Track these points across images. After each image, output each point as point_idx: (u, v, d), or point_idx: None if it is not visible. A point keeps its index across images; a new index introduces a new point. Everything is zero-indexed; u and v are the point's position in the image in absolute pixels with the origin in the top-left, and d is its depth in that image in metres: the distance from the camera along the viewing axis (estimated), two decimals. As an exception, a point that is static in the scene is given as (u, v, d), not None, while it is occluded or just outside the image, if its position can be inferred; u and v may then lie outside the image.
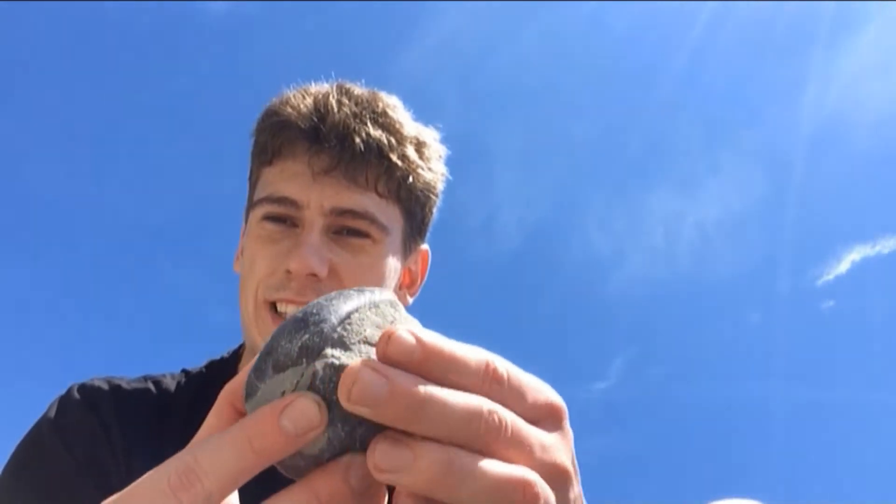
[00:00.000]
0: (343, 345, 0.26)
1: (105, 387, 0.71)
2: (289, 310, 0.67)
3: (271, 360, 0.27)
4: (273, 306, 0.68)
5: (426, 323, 0.32)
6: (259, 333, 0.69)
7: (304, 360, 0.26)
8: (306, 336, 0.26)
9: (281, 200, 0.68)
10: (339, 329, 0.27)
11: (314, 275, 0.66)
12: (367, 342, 0.27)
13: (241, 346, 0.78)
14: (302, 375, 0.26)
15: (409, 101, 0.75)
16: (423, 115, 0.76)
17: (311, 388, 0.26)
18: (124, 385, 0.72)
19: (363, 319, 0.28)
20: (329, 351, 0.26)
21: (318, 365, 0.26)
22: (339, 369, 0.26)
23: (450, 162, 0.78)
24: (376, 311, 0.29)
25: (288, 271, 0.67)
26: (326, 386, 0.26)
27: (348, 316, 0.27)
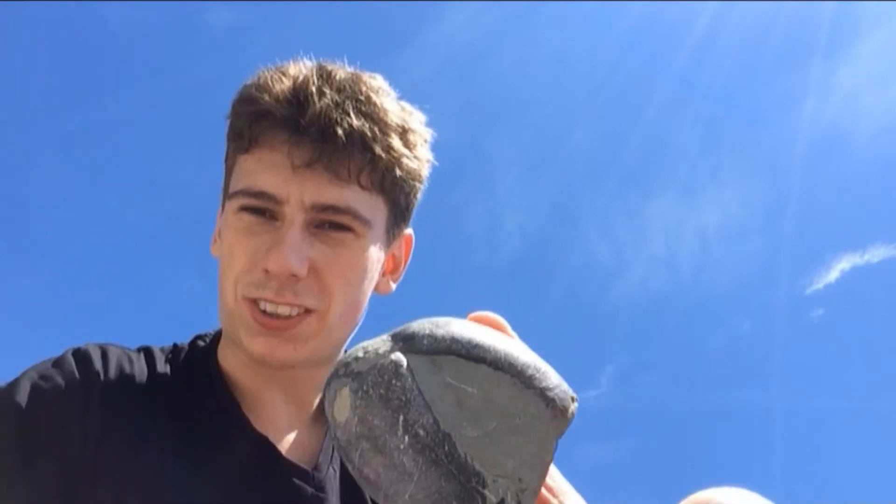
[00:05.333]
0: None
1: (97, 351, 0.70)
2: (268, 308, 0.66)
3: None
4: (254, 303, 0.67)
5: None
6: (241, 329, 0.67)
7: None
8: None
9: (259, 195, 0.66)
10: None
11: (294, 275, 0.65)
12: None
13: (220, 332, 0.76)
14: None
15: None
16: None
17: None
18: (118, 352, 0.71)
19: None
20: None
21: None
22: None
23: (451, 168, 0.77)
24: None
25: (266, 270, 0.65)
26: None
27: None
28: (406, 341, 0.28)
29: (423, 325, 0.28)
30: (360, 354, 0.29)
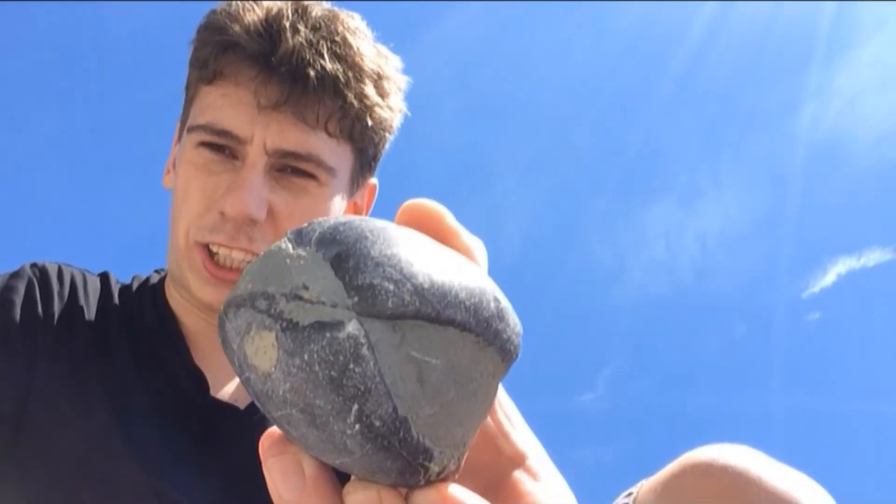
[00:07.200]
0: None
1: (53, 268, 0.68)
2: (221, 252, 0.64)
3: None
4: (207, 248, 0.64)
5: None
6: (190, 274, 0.65)
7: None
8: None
9: (221, 133, 0.63)
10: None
11: (251, 219, 0.62)
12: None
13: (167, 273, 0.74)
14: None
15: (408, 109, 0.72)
16: (423, 123, 0.74)
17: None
18: (73, 271, 0.70)
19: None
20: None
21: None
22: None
23: (451, 170, 0.76)
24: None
25: (222, 213, 0.63)
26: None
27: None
28: (363, 298, 0.20)
29: (375, 267, 0.20)
30: (294, 290, 0.20)
